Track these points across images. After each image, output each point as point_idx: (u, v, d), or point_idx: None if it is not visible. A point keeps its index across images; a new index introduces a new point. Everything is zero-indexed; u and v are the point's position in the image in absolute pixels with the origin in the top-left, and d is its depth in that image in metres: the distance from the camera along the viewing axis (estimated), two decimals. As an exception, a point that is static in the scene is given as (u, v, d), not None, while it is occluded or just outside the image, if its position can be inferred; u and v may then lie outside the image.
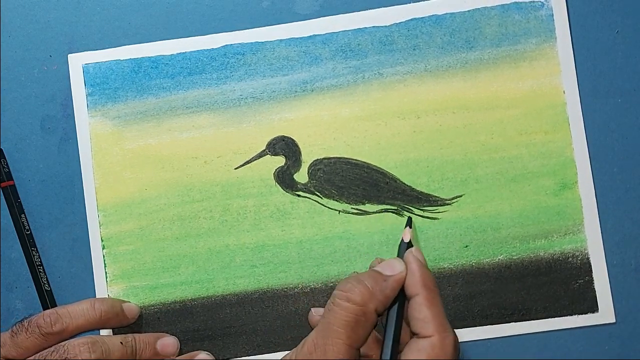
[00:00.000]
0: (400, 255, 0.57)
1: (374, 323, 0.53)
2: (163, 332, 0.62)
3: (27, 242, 0.62)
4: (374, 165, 0.62)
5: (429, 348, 0.51)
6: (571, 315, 0.61)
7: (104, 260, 0.62)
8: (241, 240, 0.62)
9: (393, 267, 0.55)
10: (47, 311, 0.59)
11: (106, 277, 0.62)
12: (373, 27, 0.63)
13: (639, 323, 0.61)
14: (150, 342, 0.60)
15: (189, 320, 0.62)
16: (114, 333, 0.61)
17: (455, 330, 0.53)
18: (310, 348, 0.51)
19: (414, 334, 0.53)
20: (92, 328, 0.60)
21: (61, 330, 0.58)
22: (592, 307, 0.61)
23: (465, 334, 0.60)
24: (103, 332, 0.61)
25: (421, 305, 0.53)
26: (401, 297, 0.55)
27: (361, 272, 0.55)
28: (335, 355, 0.50)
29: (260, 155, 0.63)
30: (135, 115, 0.63)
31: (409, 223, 0.60)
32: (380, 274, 0.54)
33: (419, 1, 0.63)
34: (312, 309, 0.60)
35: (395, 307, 0.54)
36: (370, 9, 0.63)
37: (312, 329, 0.53)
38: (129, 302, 0.62)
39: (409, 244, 0.57)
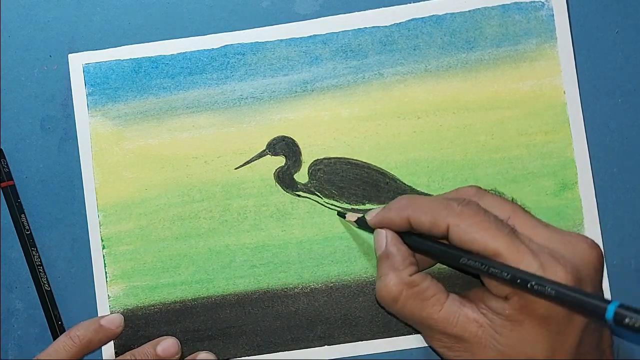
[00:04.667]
0: (370, 229, 0.58)
1: None
2: (163, 332, 0.62)
3: (27, 242, 0.62)
4: (374, 166, 0.62)
5: None
6: (571, 315, 0.61)
7: (104, 260, 0.62)
8: (241, 240, 0.62)
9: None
10: None
11: (106, 277, 0.62)
12: (373, 27, 0.63)
13: (638, 323, 0.61)
14: (149, 351, 0.60)
15: (189, 320, 0.62)
16: (116, 352, 0.61)
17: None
18: None
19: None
20: (79, 357, 0.59)
21: None
22: (592, 308, 0.61)
23: (466, 335, 0.60)
24: (105, 349, 0.61)
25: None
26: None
27: None
28: None
29: (261, 155, 0.63)
30: (136, 115, 0.63)
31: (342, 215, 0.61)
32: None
33: (419, 1, 0.63)
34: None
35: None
36: (370, 9, 0.63)
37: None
38: (108, 314, 0.61)
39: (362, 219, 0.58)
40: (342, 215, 0.61)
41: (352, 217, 0.60)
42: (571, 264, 0.50)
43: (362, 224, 0.58)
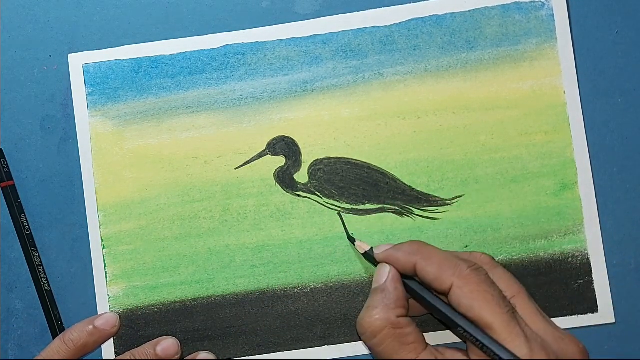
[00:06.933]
0: (375, 262, 0.58)
1: None
2: (163, 332, 0.62)
3: (27, 242, 0.62)
4: (374, 166, 0.62)
5: None
6: (571, 315, 0.61)
7: (104, 260, 0.62)
8: (241, 240, 0.62)
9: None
10: None
11: (106, 277, 0.62)
12: (373, 27, 0.63)
13: (638, 323, 0.61)
14: (149, 351, 0.60)
15: (189, 320, 0.62)
16: (116, 352, 0.61)
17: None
18: None
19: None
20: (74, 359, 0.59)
21: None
22: (592, 308, 0.61)
23: (466, 335, 0.60)
24: (105, 349, 0.61)
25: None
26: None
27: None
28: None
29: (261, 155, 0.63)
30: (135, 115, 0.63)
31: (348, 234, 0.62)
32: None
33: (419, 1, 0.63)
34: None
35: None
36: (370, 9, 0.63)
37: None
38: (104, 313, 0.62)
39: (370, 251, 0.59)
40: (352, 240, 0.61)
41: (361, 246, 0.60)
42: None
43: (369, 257, 0.58)
